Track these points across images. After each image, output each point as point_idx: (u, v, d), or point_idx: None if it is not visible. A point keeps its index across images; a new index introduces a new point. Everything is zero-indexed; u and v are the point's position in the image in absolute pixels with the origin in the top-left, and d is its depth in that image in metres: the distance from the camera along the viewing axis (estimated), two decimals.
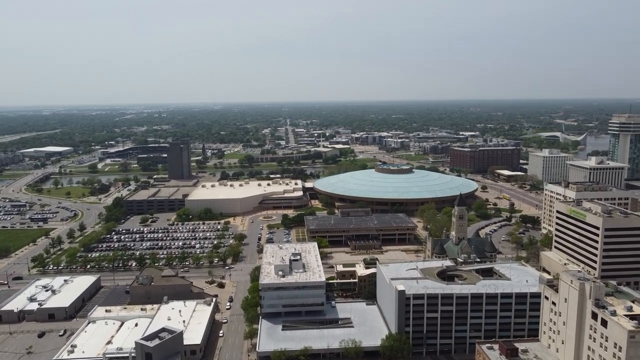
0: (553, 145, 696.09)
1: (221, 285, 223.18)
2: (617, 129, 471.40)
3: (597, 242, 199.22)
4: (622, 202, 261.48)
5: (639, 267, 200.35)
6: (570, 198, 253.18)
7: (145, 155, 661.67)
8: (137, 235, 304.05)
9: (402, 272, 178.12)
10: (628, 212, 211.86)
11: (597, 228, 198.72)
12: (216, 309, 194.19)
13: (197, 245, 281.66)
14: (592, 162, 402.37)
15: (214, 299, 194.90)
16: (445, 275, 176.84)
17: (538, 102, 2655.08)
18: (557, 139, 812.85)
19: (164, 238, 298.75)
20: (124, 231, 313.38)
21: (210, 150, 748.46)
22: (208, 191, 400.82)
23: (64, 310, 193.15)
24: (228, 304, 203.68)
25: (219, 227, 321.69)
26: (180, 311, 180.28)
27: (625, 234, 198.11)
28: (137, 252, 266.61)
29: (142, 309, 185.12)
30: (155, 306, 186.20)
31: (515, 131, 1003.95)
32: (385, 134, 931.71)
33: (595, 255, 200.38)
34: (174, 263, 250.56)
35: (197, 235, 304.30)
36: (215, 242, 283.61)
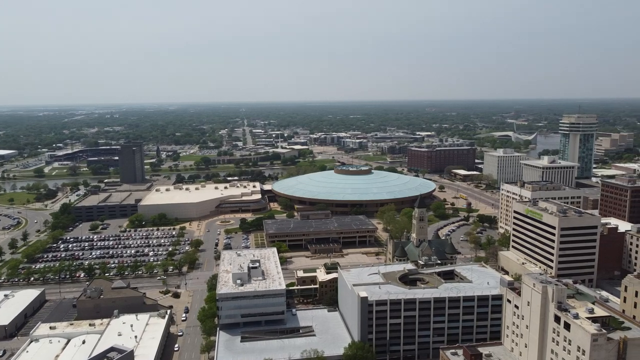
0: (506, 144, 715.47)
1: (176, 295, 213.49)
2: (567, 128, 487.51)
3: (553, 241, 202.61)
4: (574, 201, 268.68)
5: (592, 265, 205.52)
6: (526, 198, 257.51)
7: (96, 158, 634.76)
8: (86, 244, 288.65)
9: (364, 277, 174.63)
10: (582, 212, 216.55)
11: (554, 227, 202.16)
12: (171, 321, 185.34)
13: (151, 253, 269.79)
14: (545, 161, 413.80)
15: (168, 311, 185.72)
16: (407, 279, 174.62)
17: (490, 103, 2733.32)
18: (510, 138, 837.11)
19: (115, 246, 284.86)
20: (72, 239, 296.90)
21: (164, 152, 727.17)
22: (162, 195, 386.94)
23: (3, 329, 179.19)
24: (184, 315, 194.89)
25: (174, 233, 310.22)
26: (132, 325, 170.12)
27: (579, 232, 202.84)
28: (86, 262, 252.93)
29: (90, 325, 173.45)
30: (105, 321, 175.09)
31: (469, 131, 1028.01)
32: (343, 134, 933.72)
33: (552, 255, 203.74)
34: (126, 273, 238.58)
35: (150, 242, 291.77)
36: (170, 249, 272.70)
